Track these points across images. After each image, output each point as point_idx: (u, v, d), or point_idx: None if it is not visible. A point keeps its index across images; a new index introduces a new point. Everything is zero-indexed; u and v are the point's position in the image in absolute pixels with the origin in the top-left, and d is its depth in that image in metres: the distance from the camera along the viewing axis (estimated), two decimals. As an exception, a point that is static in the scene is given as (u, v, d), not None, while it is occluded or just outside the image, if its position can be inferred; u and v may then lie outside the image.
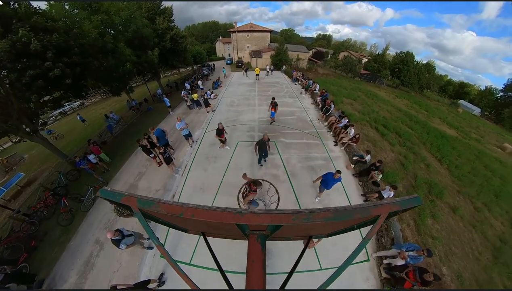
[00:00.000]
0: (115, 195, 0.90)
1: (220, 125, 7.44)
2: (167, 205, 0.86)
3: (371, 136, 9.59)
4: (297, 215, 0.75)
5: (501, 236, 6.44)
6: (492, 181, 9.15)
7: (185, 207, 0.82)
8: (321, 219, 0.75)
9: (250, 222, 0.76)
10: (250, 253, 1.08)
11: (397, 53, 31.78)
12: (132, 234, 4.22)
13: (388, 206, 0.82)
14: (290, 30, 73.18)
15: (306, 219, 0.75)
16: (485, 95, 35.12)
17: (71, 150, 9.76)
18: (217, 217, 0.78)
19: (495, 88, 35.45)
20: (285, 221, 0.74)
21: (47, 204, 6.31)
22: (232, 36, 35.34)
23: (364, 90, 19.47)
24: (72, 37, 6.47)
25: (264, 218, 0.75)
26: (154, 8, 15.56)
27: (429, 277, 3.41)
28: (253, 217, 0.75)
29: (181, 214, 0.81)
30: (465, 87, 40.77)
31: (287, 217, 0.74)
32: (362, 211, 0.78)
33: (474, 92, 40.54)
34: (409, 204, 0.83)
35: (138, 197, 0.88)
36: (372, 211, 0.80)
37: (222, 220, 0.77)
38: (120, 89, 11.44)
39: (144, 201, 0.88)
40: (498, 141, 17.79)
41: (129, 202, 0.88)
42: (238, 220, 0.77)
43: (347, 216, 0.77)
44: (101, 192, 0.91)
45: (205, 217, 0.79)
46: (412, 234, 5.35)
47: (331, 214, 0.76)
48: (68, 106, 20.14)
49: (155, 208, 0.86)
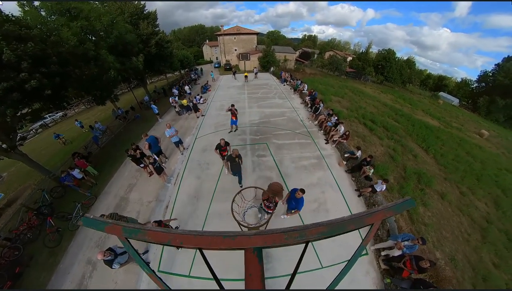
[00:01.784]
0: (98, 223, 0.85)
1: (222, 141, 6.29)
2: (153, 232, 0.82)
3: (360, 132, 9.85)
4: (289, 234, 0.73)
5: (487, 216, 6.83)
6: (474, 166, 9.73)
7: (172, 233, 0.79)
8: (315, 235, 0.74)
9: (242, 245, 0.74)
10: (247, 267, 1.06)
11: (379, 51, 33.17)
12: (125, 251, 4.02)
13: (382, 213, 0.82)
14: (276, 32, 74.11)
15: (299, 237, 0.73)
16: (462, 87, 37.41)
17: (55, 164, 9.24)
18: (206, 243, 0.75)
19: (470, 80, 37.93)
20: (278, 241, 0.73)
21: (31, 225, 5.87)
22: (219, 40, 35.26)
23: (351, 88, 20.05)
24: (49, 46, 6.11)
25: (255, 240, 0.73)
26: (138, 13, 15.18)
27: (425, 264, 3.51)
28: (244, 240, 0.73)
29: (168, 242, 0.77)
30: (444, 80, 43.24)
31: (280, 236, 0.73)
32: (356, 221, 0.78)
33: (452, 84, 43.00)
34: (403, 207, 0.84)
35: (123, 226, 0.84)
36: (366, 220, 0.80)
37: (212, 246, 0.75)
38: (104, 98, 10.98)
39: (130, 229, 0.83)
40: (476, 129, 18.95)
41: (113, 231, 0.83)
42: (229, 244, 0.74)
43: (341, 229, 0.76)
44: (83, 220, 0.85)
45: (194, 243, 0.76)
46: (406, 223, 5.51)
47: (325, 229, 0.75)
48: (50, 118, 19.11)
49: (141, 236, 0.81)
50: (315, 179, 6.82)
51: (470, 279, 4.73)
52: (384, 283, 4.20)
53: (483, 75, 33.38)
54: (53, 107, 7.58)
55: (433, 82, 42.54)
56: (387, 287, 4.12)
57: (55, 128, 17.80)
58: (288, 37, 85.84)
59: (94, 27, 9.34)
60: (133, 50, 12.64)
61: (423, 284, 3.35)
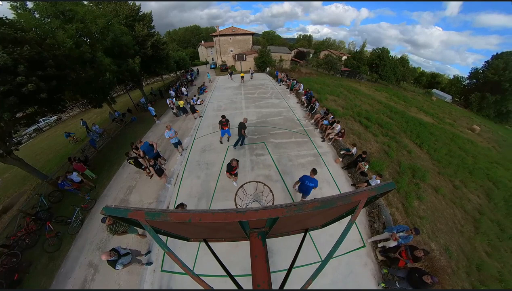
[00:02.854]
0: (120, 211, 0.90)
1: (233, 162, 5.66)
2: (174, 213, 0.88)
3: (355, 130, 10.05)
4: (289, 208, 0.84)
5: (479, 208, 7.07)
6: (466, 160, 10.03)
7: (192, 213, 0.86)
8: (310, 208, 0.84)
9: (251, 218, 0.83)
10: (253, 249, 1.16)
11: (373, 50, 33.68)
12: (129, 252, 4.05)
13: (366, 192, 0.92)
14: (271, 32, 74.38)
15: (297, 210, 0.84)
16: (454, 84, 38.16)
17: (51, 169, 9.16)
18: (222, 218, 0.83)
19: (462, 77, 38.68)
20: (280, 214, 0.83)
21: (29, 230, 5.79)
22: (215, 40, 35.32)
23: (346, 87, 20.33)
24: (45, 49, 6.09)
25: (262, 213, 0.83)
26: (133, 15, 15.14)
27: (419, 253, 3.66)
28: (252, 214, 0.83)
29: (189, 220, 0.85)
30: (437, 77, 44.06)
31: (281, 210, 0.83)
32: (344, 198, 0.89)
33: (445, 81, 43.82)
34: (384, 189, 0.93)
35: (146, 210, 0.89)
36: (352, 198, 0.90)
37: (227, 220, 0.83)
38: (101, 101, 10.94)
39: (152, 212, 0.89)
40: (468, 124, 19.45)
41: (136, 216, 0.88)
42: (241, 218, 0.83)
43: (331, 204, 0.87)
44: (105, 209, 0.90)
45: (212, 219, 0.84)
46: (402, 216, 5.68)
47: (318, 204, 0.85)
48: (44, 122, 18.85)
49: (163, 217, 0.87)
50: (312, 176, 6.95)
51: (464, 268, 4.91)
52: (381, 274, 4.34)
53: (474, 72, 34.14)
54: (48, 111, 7.55)
55: (426, 79, 43.32)
56: (384, 276, 4.26)
57: (50, 132, 17.57)
58: (283, 37, 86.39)
59: (89, 29, 9.30)
60: (129, 52, 12.60)
61: (419, 272, 3.49)
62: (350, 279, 4.28)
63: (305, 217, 1.29)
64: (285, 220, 1.27)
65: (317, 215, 1.28)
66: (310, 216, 1.29)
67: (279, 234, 1.77)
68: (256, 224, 1.20)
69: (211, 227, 1.33)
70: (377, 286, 4.20)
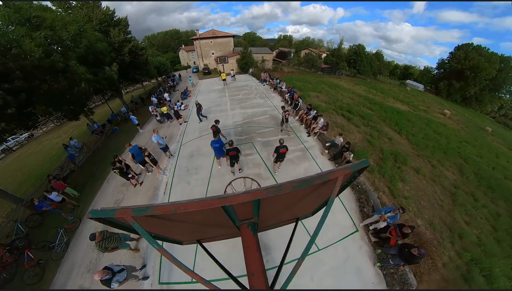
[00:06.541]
0: (107, 212, 0.88)
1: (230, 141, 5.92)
2: (160, 206, 0.87)
3: (339, 122, 10.45)
4: (269, 189, 0.85)
5: (454, 183, 7.76)
6: (440, 142, 10.92)
7: (177, 204, 0.86)
8: (289, 188, 0.86)
9: (234, 201, 0.84)
10: (244, 240, 1.18)
11: (350, 47, 35.40)
12: (123, 269, 3.83)
13: (342, 170, 0.96)
14: (252, 33, 75.11)
15: (277, 191, 0.84)
16: (424, 74, 41.48)
17: (26, 191, 8.43)
18: (207, 204, 0.83)
19: (431, 68, 42.30)
20: (261, 195, 0.84)
21: (4, 264, 5.15)
22: (196, 44, 34.88)
23: (327, 83, 21.06)
24: (11, 59, 5.63)
25: (244, 196, 0.84)
26: (107, 20, 14.48)
27: (407, 230, 3.91)
28: (235, 198, 0.84)
29: (175, 210, 0.84)
30: (409, 69, 47.68)
31: (262, 192, 0.84)
32: (321, 177, 0.91)
33: (417, 72, 47.31)
34: (359, 166, 0.98)
35: (132, 208, 0.88)
36: (329, 176, 0.92)
37: (212, 206, 0.84)
38: (77, 113, 10.29)
39: (138, 209, 0.87)
40: (440, 109, 21.17)
41: (123, 214, 0.87)
42: (224, 202, 0.84)
43: (309, 182, 0.88)
44: (91, 212, 0.87)
45: (196, 207, 0.83)
46: (389, 198, 6.00)
47: (296, 183, 0.87)
48: (13, 140, 17.28)
49: (150, 212, 0.86)
50: (301, 170, 7.14)
51: (448, 238, 5.30)
52: (376, 254, 4.55)
53: (440, 63, 37.20)
54: (17, 128, 6.96)
55: (400, 71, 46.47)
56: (379, 256, 4.48)
57: (22, 151, 16.14)
58: (264, 38, 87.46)
59: (60, 36, 8.67)
60: (105, 59, 12.05)
61: (408, 247, 3.71)
62: (348, 263, 4.44)
63: (291, 202, 1.32)
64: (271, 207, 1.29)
65: (303, 199, 1.31)
66: (296, 201, 1.31)
67: (271, 226, 1.78)
68: (244, 215, 1.22)
69: (200, 222, 1.32)
70: (373, 266, 4.40)
